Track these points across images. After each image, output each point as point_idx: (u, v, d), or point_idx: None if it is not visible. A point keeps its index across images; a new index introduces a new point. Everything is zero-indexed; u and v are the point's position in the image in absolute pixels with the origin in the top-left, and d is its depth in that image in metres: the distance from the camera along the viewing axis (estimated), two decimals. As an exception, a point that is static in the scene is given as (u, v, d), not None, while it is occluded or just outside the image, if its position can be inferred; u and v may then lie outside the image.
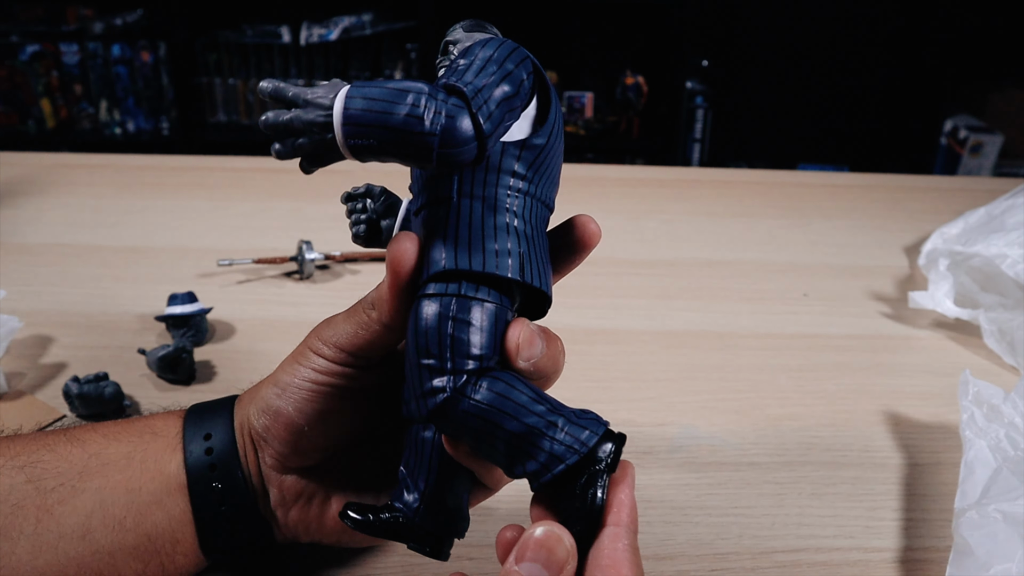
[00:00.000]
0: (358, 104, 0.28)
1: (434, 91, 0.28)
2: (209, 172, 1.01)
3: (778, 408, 0.60)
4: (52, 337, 0.65)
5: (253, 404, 0.40)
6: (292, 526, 0.41)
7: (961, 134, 2.27)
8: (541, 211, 0.33)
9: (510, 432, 0.30)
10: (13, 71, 2.18)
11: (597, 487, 0.30)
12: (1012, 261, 0.67)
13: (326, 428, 0.39)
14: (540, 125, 0.32)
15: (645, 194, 0.98)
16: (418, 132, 0.28)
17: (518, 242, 0.31)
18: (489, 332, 0.32)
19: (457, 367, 0.31)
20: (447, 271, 0.31)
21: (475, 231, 0.31)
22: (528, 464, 0.31)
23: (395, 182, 0.41)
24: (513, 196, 0.32)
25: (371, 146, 0.28)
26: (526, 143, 0.32)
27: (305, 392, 0.38)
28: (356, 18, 2.20)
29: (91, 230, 0.84)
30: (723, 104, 2.35)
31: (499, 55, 0.30)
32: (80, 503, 0.37)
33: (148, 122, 2.26)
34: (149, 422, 0.41)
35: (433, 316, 0.31)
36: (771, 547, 0.47)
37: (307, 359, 0.38)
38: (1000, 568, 0.41)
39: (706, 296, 0.75)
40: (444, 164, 0.29)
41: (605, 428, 0.31)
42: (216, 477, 0.39)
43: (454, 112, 0.28)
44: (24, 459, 0.38)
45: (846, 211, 0.95)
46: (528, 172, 0.32)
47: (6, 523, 0.36)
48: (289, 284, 0.75)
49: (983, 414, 0.50)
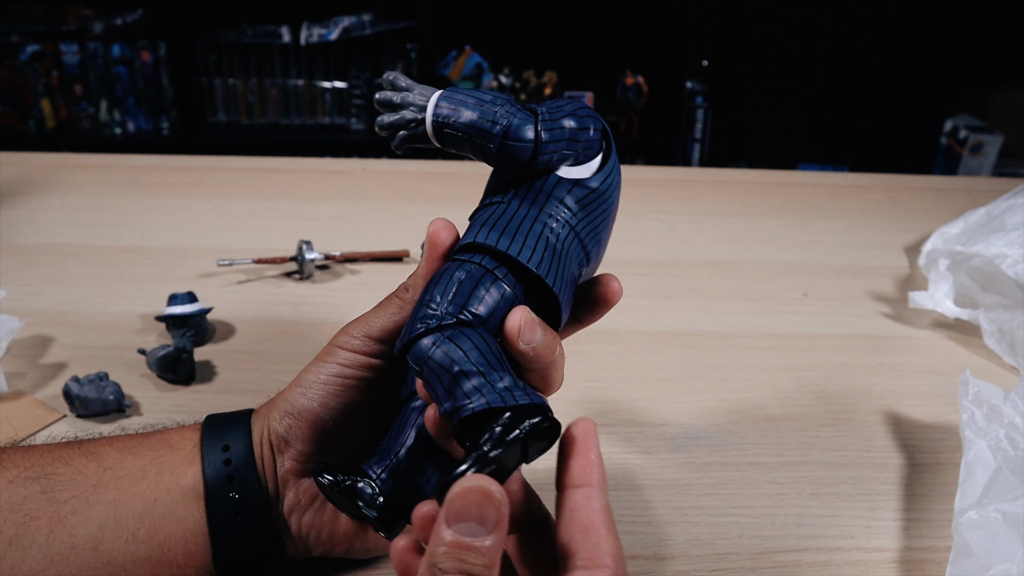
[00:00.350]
0: (454, 93, 0.35)
1: (513, 102, 0.35)
2: (209, 172, 1.01)
3: (778, 408, 0.60)
4: (52, 337, 0.65)
5: (275, 410, 0.40)
6: (305, 532, 0.41)
7: (961, 134, 2.27)
8: (576, 250, 0.36)
9: (459, 369, 0.32)
10: (13, 71, 2.18)
11: (506, 438, 0.30)
12: (1012, 261, 0.67)
13: (350, 424, 0.39)
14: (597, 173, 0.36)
15: (645, 194, 0.98)
16: (490, 119, 0.34)
17: (546, 248, 0.34)
18: (491, 305, 0.34)
19: (449, 311, 0.33)
20: (476, 243, 0.34)
21: (512, 223, 0.35)
22: (458, 397, 0.31)
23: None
24: (557, 220, 0.35)
25: (451, 123, 0.34)
26: (580, 182, 0.36)
27: (331, 387, 0.39)
28: (356, 18, 2.20)
29: (91, 230, 0.84)
30: (723, 104, 2.35)
31: (576, 105, 0.36)
32: (93, 515, 0.37)
33: (148, 122, 2.26)
34: (165, 436, 0.41)
35: (449, 273, 0.34)
36: (771, 547, 0.47)
37: (333, 355, 0.39)
38: (1000, 568, 0.41)
39: (706, 296, 0.75)
40: (503, 153, 0.34)
41: (544, 404, 0.32)
42: (234, 487, 0.39)
43: (522, 116, 0.34)
44: (39, 470, 0.38)
45: (846, 211, 0.95)
46: (576, 208, 0.35)
47: (19, 533, 0.36)
48: (289, 284, 0.75)
49: (983, 414, 0.50)
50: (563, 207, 0.35)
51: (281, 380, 0.60)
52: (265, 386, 0.60)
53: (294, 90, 2.26)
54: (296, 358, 0.63)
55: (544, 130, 0.34)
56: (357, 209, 0.91)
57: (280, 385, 0.43)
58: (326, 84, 2.25)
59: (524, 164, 0.34)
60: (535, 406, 0.31)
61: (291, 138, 2.26)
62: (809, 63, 2.39)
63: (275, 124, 2.28)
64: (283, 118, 2.28)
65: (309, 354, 0.63)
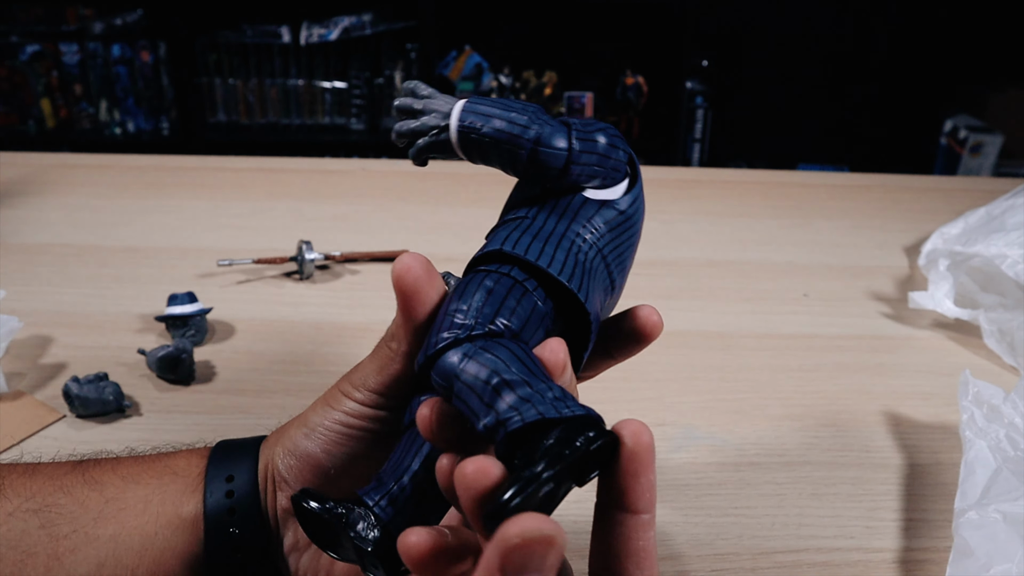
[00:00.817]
0: (480, 101, 0.33)
1: (543, 112, 0.34)
2: (209, 172, 1.01)
3: (778, 408, 0.60)
4: (52, 337, 0.65)
5: (279, 444, 0.39)
6: (302, 574, 0.40)
7: (961, 134, 2.27)
8: (603, 273, 0.34)
9: (499, 379, 0.28)
10: (13, 71, 2.18)
11: (563, 452, 0.26)
12: (1012, 261, 0.66)
13: (353, 472, 0.38)
14: (625, 196, 0.35)
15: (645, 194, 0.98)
16: (522, 124, 0.33)
17: (576, 264, 0.32)
18: (523, 317, 0.31)
19: (479, 322, 0.30)
20: (504, 252, 0.32)
21: (540, 235, 0.33)
22: (502, 410, 0.27)
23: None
24: (584, 240, 0.33)
25: (478, 130, 0.33)
26: (609, 203, 0.34)
27: (334, 435, 0.37)
28: (356, 18, 2.20)
29: (91, 230, 0.84)
30: (723, 104, 2.35)
31: (606, 125, 0.35)
32: (92, 551, 0.37)
33: (148, 122, 2.26)
34: (170, 461, 0.40)
35: (476, 282, 0.32)
36: (771, 547, 0.47)
37: (338, 402, 0.38)
38: (1000, 568, 0.41)
39: (706, 296, 0.75)
40: (533, 161, 0.33)
41: (599, 417, 0.28)
42: (235, 521, 0.38)
43: (555, 125, 0.33)
44: (40, 501, 0.37)
45: (846, 211, 0.95)
46: (604, 230, 0.34)
47: (16, 571, 0.36)
48: (289, 284, 0.75)
49: (983, 414, 0.50)
50: (591, 227, 0.34)
51: (281, 380, 0.60)
52: (265, 386, 0.60)
53: (294, 90, 2.26)
54: (296, 358, 0.63)
55: (577, 140, 0.33)
56: (357, 209, 0.91)
57: (280, 385, 0.43)
58: (326, 84, 2.25)
59: (556, 174, 0.33)
60: (590, 419, 0.27)
61: (291, 138, 2.26)
62: (809, 63, 2.39)
63: (275, 124, 2.28)
64: (283, 118, 2.28)
65: (309, 354, 0.64)
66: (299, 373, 0.61)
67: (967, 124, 2.29)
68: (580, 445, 0.26)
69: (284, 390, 0.59)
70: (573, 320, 0.33)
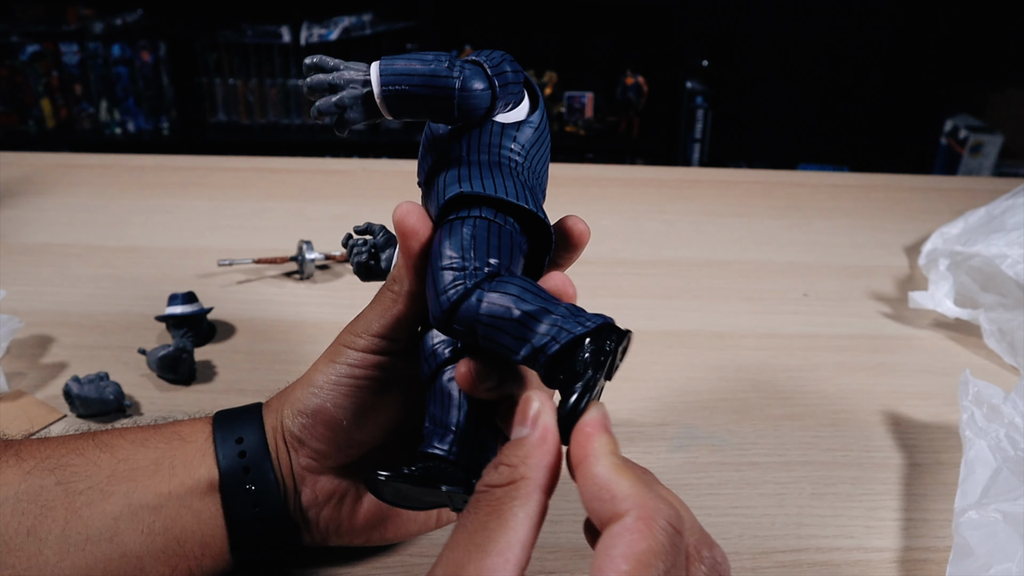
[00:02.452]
0: (394, 60, 0.34)
1: (454, 56, 0.34)
2: (209, 172, 1.01)
3: (778, 408, 0.60)
4: (52, 337, 0.65)
5: (287, 407, 0.40)
6: (323, 527, 0.41)
7: (961, 134, 2.27)
8: (538, 184, 0.37)
9: (521, 312, 0.32)
10: (13, 71, 2.18)
11: (600, 359, 0.30)
12: (1012, 261, 0.67)
13: (365, 422, 0.39)
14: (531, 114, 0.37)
15: (645, 194, 0.98)
16: (444, 76, 0.33)
17: (523, 187, 0.35)
18: (505, 250, 0.34)
19: (476, 266, 0.33)
20: (464, 195, 0.34)
21: (484, 169, 0.35)
22: (535, 339, 0.31)
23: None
24: (515, 162, 0.36)
25: (403, 91, 0.33)
26: (519, 124, 0.37)
27: (343, 388, 0.38)
28: (356, 18, 2.20)
29: (91, 230, 0.84)
30: (723, 104, 2.35)
31: (501, 52, 0.36)
32: (108, 506, 0.37)
33: (148, 122, 2.26)
34: (176, 428, 0.41)
35: (457, 231, 0.34)
36: (771, 547, 0.47)
37: (341, 355, 0.39)
38: (1000, 568, 0.41)
39: (706, 296, 0.75)
40: (463, 110, 0.34)
41: (611, 320, 0.32)
42: (250, 480, 0.39)
43: (473, 68, 0.34)
44: (54, 461, 0.38)
45: (846, 211, 0.95)
46: (522, 150, 0.36)
47: (35, 524, 0.36)
48: (289, 284, 0.75)
49: (983, 414, 0.50)
50: (517, 148, 0.36)
51: (281, 380, 0.60)
52: (265, 386, 0.60)
53: (294, 90, 2.26)
54: (296, 358, 0.63)
55: (495, 76, 0.34)
56: (357, 209, 0.91)
57: (280, 385, 0.43)
58: (326, 84, 2.25)
59: (483, 114, 0.34)
60: (608, 325, 0.31)
61: (291, 138, 2.26)
62: (809, 63, 2.39)
63: (275, 124, 2.28)
64: (283, 118, 2.28)
65: (309, 354, 0.63)
66: (299, 373, 0.61)
67: (967, 124, 2.29)
68: (610, 348, 0.31)
69: (284, 390, 0.59)
70: (534, 234, 0.36)
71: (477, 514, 0.28)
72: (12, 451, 0.39)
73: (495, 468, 0.29)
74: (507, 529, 0.27)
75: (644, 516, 0.26)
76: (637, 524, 0.26)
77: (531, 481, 0.28)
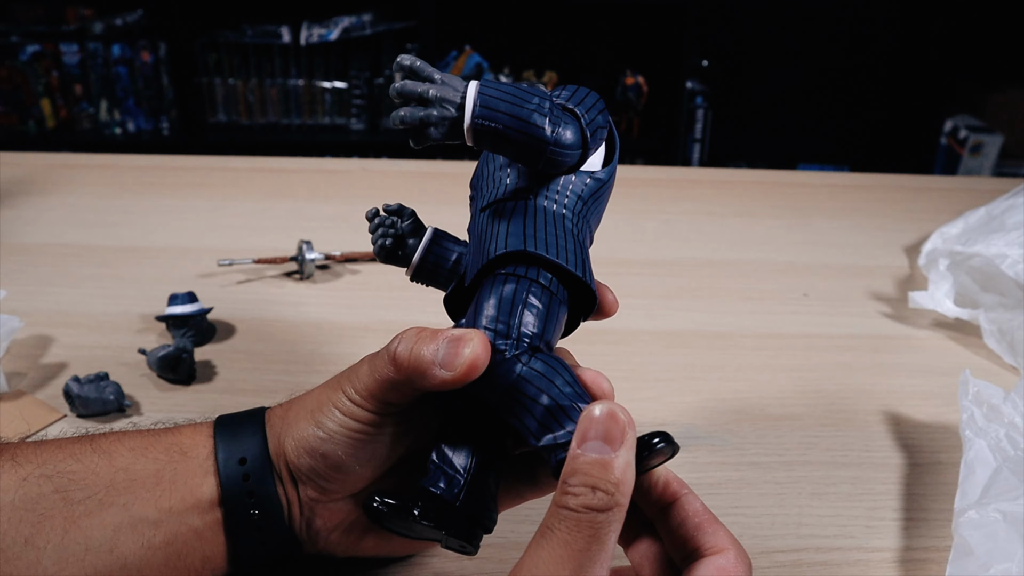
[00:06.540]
0: (491, 91, 0.33)
1: (552, 99, 0.34)
2: (209, 172, 1.01)
3: (778, 408, 0.60)
4: (52, 337, 0.65)
5: (290, 438, 0.38)
6: (331, 548, 0.40)
7: (961, 134, 2.27)
8: (588, 239, 0.37)
9: (552, 399, 0.32)
10: (13, 71, 2.18)
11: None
12: (1012, 261, 0.67)
13: (374, 460, 0.38)
14: (605, 165, 0.37)
15: (645, 194, 0.98)
16: (539, 126, 0.33)
17: (576, 248, 0.35)
18: (548, 320, 0.34)
19: (520, 336, 0.33)
20: (525, 252, 0.34)
21: (549, 227, 0.34)
22: (560, 435, 0.32)
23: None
24: (573, 212, 0.36)
25: (494, 129, 0.32)
26: (593, 175, 0.36)
27: (348, 439, 0.37)
28: (356, 18, 2.20)
29: (91, 230, 0.84)
30: (723, 104, 2.35)
31: (595, 98, 0.36)
32: (107, 517, 0.37)
33: (148, 122, 2.26)
34: (177, 439, 0.40)
35: (509, 292, 0.34)
36: (771, 547, 0.47)
37: (343, 405, 0.37)
38: (1000, 568, 0.41)
39: (706, 296, 0.75)
40: (550, 162, 0.34)
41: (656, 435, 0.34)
42: (254, 504, 0.38)
43: (570, 120, 0.34)
44: (51, 467, 0.37)
45: (846, 211, 0.95)
46: (589, 200, 0.36)
47: (33, 532, 0.36)
48: (289, 284, 0.75)
49: (983, 414, 0.50)
50: (578, 200, 0.36)
51: (281, 380, 0.60)
52: (265, 386, 0.60)
53: (294, 90, 2.26)
54: (296, 358, 0.63)
55: (589, 132, 0.34)
56: (357, 209, 0.90)
57: (280, 385, 0.43)
58: (326, 84, 2.25)
59: (569, 169, 0.34)
60: (642, 440, 0.33)
61: (291, 138, 2.26)
62: (809, 63, 2.39)
63: (275, 124, 2.28)
64: (283, 118, 2.28)
65: (309, 354, 0.64)
66: (299, 373, 0.61)
67: (967, 124, 2.29)
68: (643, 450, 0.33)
69: (284, 390, 0.59)
70: (578, 295, 0.36)
71: (579, 533, 0.30)
72: (8, 455, 0.38)
73: (591, 491, 0.30)
74: (605, 554, 0.30)
75: (743, 558, 0.33)
76: (738, 564, 0.33)
77: (623, 509, 0.31)
